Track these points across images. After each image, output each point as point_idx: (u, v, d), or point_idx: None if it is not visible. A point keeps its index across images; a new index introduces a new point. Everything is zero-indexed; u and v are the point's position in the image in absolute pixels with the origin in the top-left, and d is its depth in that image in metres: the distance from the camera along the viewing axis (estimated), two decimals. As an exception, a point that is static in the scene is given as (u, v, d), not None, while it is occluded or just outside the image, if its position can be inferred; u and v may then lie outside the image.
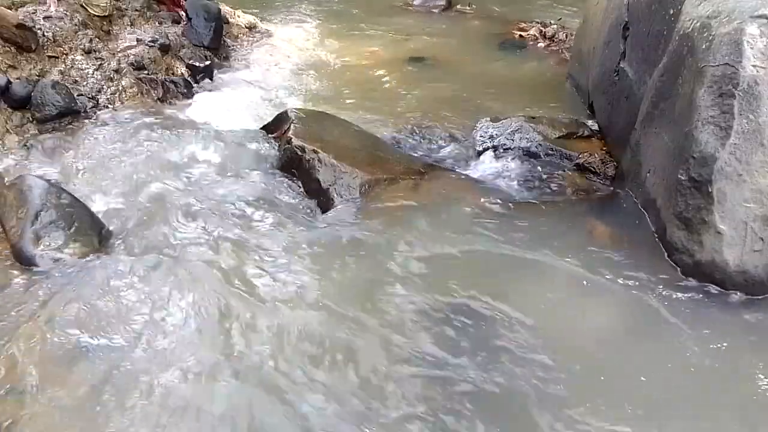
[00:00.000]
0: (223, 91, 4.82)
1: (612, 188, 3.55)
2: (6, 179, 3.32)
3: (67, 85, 4.12)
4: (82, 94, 4.18)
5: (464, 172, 3.74)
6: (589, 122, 4.21)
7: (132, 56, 4.56)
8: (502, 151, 3.84)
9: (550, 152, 3.81)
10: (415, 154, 3.90)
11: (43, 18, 4.37)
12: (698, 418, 2.25)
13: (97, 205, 3.28)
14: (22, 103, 3.92)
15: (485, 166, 3.77)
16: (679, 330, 2.58)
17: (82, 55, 4.39)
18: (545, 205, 3.40)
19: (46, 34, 4.30)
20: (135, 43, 4.70)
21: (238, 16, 5.97)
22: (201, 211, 3.26)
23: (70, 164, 3.61)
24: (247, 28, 5.90)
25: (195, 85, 4.79)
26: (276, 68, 5.27)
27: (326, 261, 2.95)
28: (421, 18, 6.83)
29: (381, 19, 6.63)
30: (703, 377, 2.41)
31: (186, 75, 4.80)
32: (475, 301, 2.73)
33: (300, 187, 3.51)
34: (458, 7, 7.16)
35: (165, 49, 4.78)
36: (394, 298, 2.73)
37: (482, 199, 3.41)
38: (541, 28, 6.17)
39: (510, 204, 3.39)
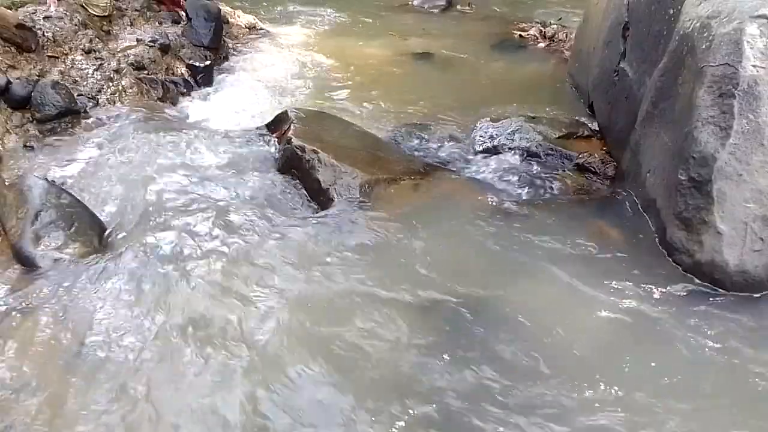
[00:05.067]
0: (223, 91, 4.83)
1: (612, 188, 3.55)
2: (6, 179, 3.32)
3: (67, 85, 4.13)
4: (82, 94, 4.18)
5: (464, 172, 3.74)
6: (589, 122, 4.21)
7: (132, 56, 4.56)
8: (502, 151, 3.84)
9: (550, 152, 3.81)
10: (415, 154, 3.90)
11: (43, 18, 4.37)
12: (698, 415, 2.25)
13: (97, 205, 3.28)
14: (22, 103, 3.92)
15: (485, 166, 3.77)
16: (678, 330, 2.58)
17: (82, 55, 4.39)
18: (545, 205, 3.40)
19: (46, 34, 4.30)
20: (135, 43, 4.71)
21: (238, 16, 5.98)
22: (201, 211, 3.25)
23: (70, 164, 3.61)
24: (247, 28, 5.91)
25: (195, 85, 4.79)
26: (276, 68, 5.27)
27: (326, 261, 2.95)
28: (421, 18, 6.84)
29: (381, 19, 6.64)
30: (703, 377, 2.41)
31: (186, 75, 4.80)
32: (474, 300, 2.73)
33: (300, 187, 3.51)
34: (458, 7, 7.17)
35: (165, 49, 4.78)
36: (393, 297, 2.73)
37: (482, 199, 3.41)
38: (541, 28, 6.17)
39: (510, 204, 3.39)
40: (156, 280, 2.82)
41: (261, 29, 6.03)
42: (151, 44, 4.72)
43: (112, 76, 4.39)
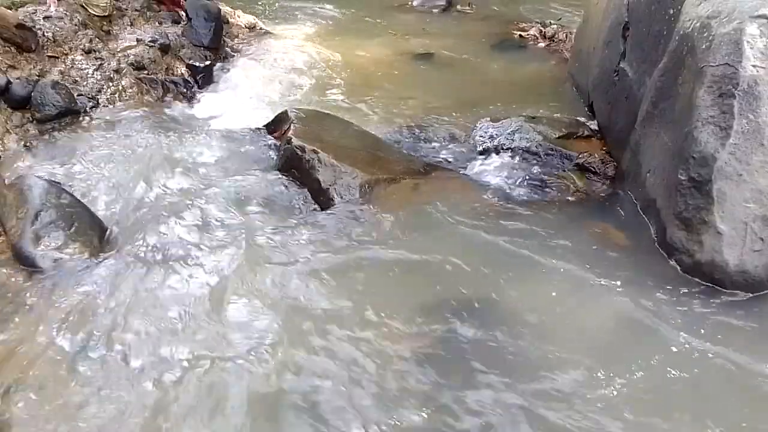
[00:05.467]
0: (223, 91, 4.82)
1: (612, 188, 3.55)
2: (6, 179, 3.32)
3: (67, 85, 4.13)
4: (82, 94, 4.18)
5: (464, 172, 3.74)
6: (589, 122, 4.21)
7: (132, 56, 4.56)
8: (502, 151, 3.84)
9: (550, 152, 3.81)
10: (415, 154, 3.90)
11: (43, 18, 4.37)
12: (698, 416, 2.25)
13: (97, 205, 3.28)
14: (22, 103, 3.92)
15: (485, 166, 3.77)
16: (678, 330, 2.58)
17: (82, 55, 4.39)
18: (545, 205, 3.40)
19: (46, 34, 4.30)
20: (135, 43, 4.71)
21: (238, 16, 5.97)
22: (201, 210, 3.26)
23: (70, 164, 3.61)
24: (247, 28, 5.90)
25: (195, 85, 4.79)
26: (276, 68, 5.26)
27: (326, 261, 2.95)
28: (421, 18, 6.83)
29: (381, 19, 6.63)
30: (703, 377, 2.41)
31: (186, 75, 4.80)
32: (473, 300, 2.73)
33: (300, 187, 3.51)
34: (458, 7, 7.16)
35: (165, 49, 4.78)
36: (393, 298, 2.73)
37: (481, 199, 3.41)
38: (541, 28, 6.17)
39: (509, 204, 3.39)
40: (156, 279, 2.82)
41: (261, 29, 6.02)
42: (151, 44, 4.71)
43: (112, 76, 4.39)
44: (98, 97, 4.26)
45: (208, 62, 4.97)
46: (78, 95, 4.14)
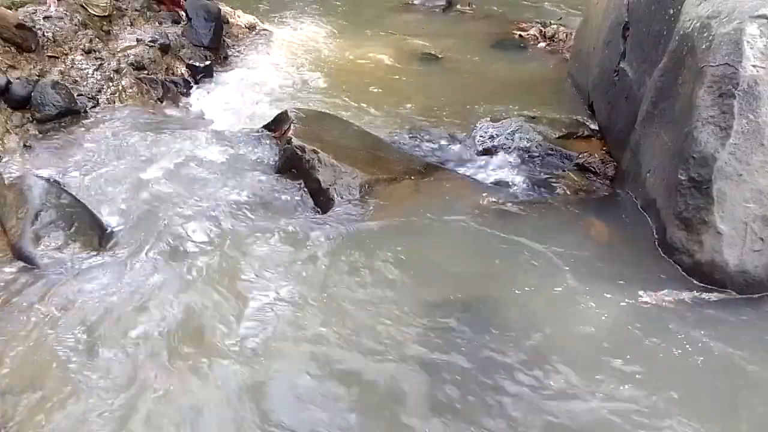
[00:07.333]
0: (223, 91, 4.82)
1: (612, 188, 3.55)
2: (6, 179, 3.32)
3: (67, 85, 4.13)
4: (82, 94, 4.18)
5: (464, 172, 3.74)
6: (589, 122, 4.21)
7: (132, 56, 4.56)
8: (502, 151, 3.84)
9: (550, 152, 3.81)
10: (415, 154, 3.90)
11: (43, 18, 4.38)
12: (698, 416, 2.25)
13: (97, 205, 3.28)
14: (22, 103, 3.92)
15: (485, 166, 3.77)
16: (677, 330, 2.58)
17: (82, 55, 4.40)
18: (545, 205, 3.40)
19: (46, 34, 4.30)
20: (135, 43, 4.71)
21: (238, 16, 5.97)
22: (200, 210, 3.26)
23: (70, 164, 3.61)
24: (247, 28, 5.91)
25: (195, 85, 4.79)
26: (276, 68, 5.27)
27: (326, 261, 2.95)
28: (422, 18, 6.84)
29: (381, 19, 6.64)
30: (702, 376, 2.41)
31: (186, 75, 4.81)
32: (474, 300, 2.74)
33: (300, 187, 3.51)
34: (458, 6, 7.17)
35: (165, 49, 4.78)
36: (393, 297, 2.73)
37: (482, 199, 3.40)
38: (541, 28, 6.18)
39: (510, 204, 3.39)
40: (155, 279, 2.82)
41: (261, 29, 6.02)
42: (151, 44, 4.72)
43: (112, 76, 4.39)
44: (98, 97, 4.26)
45: (208, 62, 4.98)
46: (78, 95, 4.14)
